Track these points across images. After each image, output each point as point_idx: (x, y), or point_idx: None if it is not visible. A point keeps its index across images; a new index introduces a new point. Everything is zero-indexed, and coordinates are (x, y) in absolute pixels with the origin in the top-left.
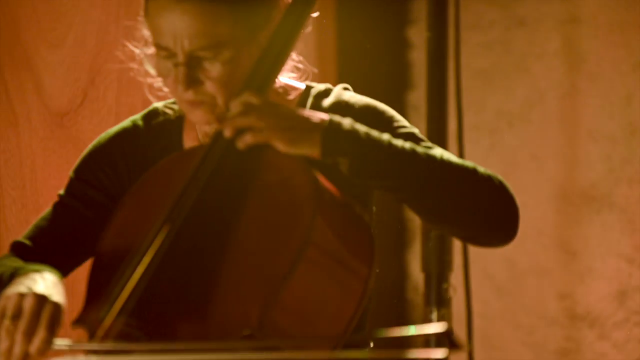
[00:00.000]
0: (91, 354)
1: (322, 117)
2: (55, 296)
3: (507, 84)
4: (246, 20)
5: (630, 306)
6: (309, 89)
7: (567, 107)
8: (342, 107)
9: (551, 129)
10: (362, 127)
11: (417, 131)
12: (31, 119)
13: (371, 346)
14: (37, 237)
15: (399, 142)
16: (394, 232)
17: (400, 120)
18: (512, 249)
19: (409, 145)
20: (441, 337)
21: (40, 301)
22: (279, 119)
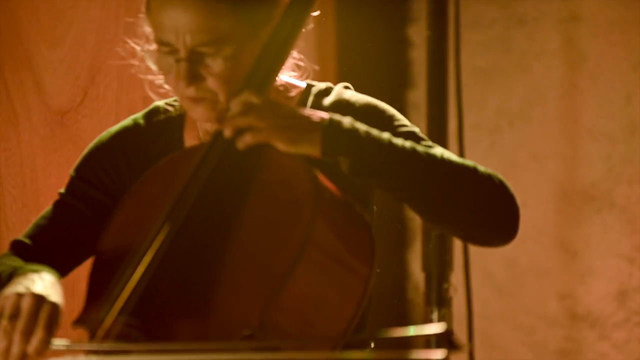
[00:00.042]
0: (90, 354)
1: (322, 116)
2: (53, 296)
3: (507, 83)
4: (248, 16)
5: (630, 306)
6: (309, 87)
7: (567, 106)
8: (343, 106)
9: (551, 128)
10: (362, 126)
11: (417, 130)
12: (31, 118)
13: (372, 346)
14: (37, 235)
15: (399, 141)
16: (395, 232)
17: (400, 119)
18: (513, 249)
19: (409, 144)
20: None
21: (38, 301)
22: (279, 118)
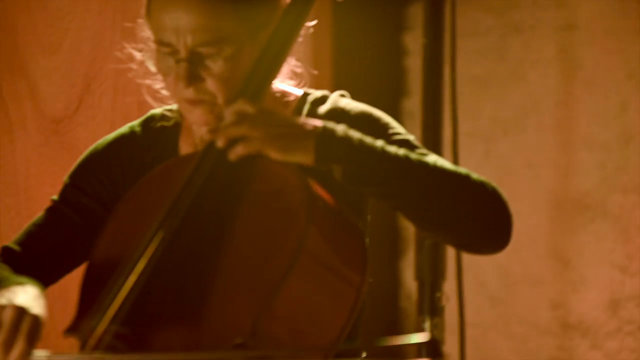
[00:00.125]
0: None
1: (315, 124)
2: (35, 308)
3: (502, 91)
4: (249, 17)
5: (622, 315)
6: (305, 95)
7: (562, 114)
8: (338, 114)
9: (546, 136)
10: (356, 134)
11: (412, 138)
12: (26, 126)
13: (364, 355)
14: (27, 242)
15: (393, 149)
16: (388, 240)
17: (395, 127)
18: (506, 257)
19: (402, 152)
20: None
21: (19, 313)
22: (272, 126)
